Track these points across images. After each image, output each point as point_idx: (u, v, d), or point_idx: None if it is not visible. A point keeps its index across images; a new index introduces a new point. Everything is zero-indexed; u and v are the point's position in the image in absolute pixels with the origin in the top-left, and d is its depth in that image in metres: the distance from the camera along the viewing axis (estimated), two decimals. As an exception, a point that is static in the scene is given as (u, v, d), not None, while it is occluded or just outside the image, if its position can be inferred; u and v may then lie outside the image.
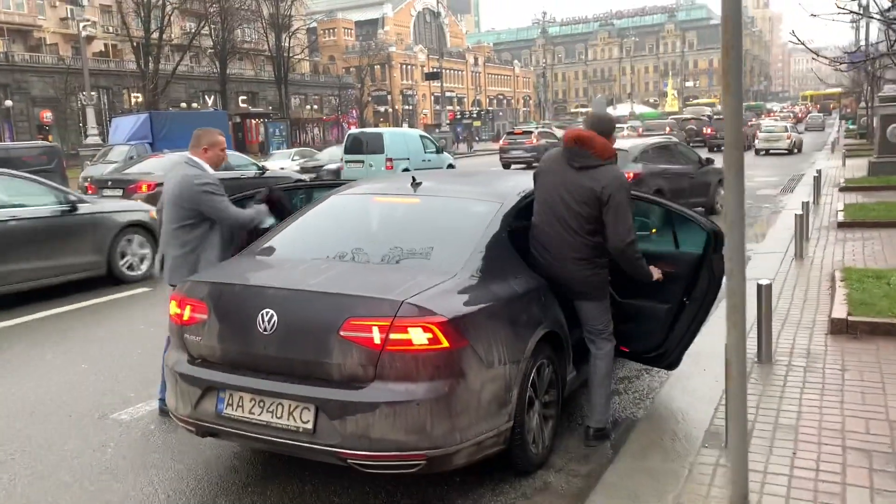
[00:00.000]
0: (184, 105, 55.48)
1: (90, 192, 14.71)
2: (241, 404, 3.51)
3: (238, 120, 51.81)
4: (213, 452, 4.28)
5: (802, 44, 8.38)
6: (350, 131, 23.89)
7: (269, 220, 4.85)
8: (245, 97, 64.75)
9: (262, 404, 3.46)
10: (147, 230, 9.67)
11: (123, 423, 4.78)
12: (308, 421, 3.34)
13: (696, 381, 4.77)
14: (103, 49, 56.68)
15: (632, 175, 12.00)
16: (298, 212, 4.74)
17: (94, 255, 8.96)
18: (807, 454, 3.64)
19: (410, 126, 76.25)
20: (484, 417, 3.44)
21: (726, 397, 2.41)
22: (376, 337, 3.26)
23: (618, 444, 4.16)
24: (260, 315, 3.47)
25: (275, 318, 3.44)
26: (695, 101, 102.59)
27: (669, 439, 3.93)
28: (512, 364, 3.60)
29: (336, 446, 3.28)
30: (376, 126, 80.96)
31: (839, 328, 5.58)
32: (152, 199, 14.30)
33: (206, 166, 4.69)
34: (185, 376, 3.70)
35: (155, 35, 43.64)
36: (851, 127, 43.63)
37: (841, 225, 10.71)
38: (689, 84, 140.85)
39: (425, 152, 22.04)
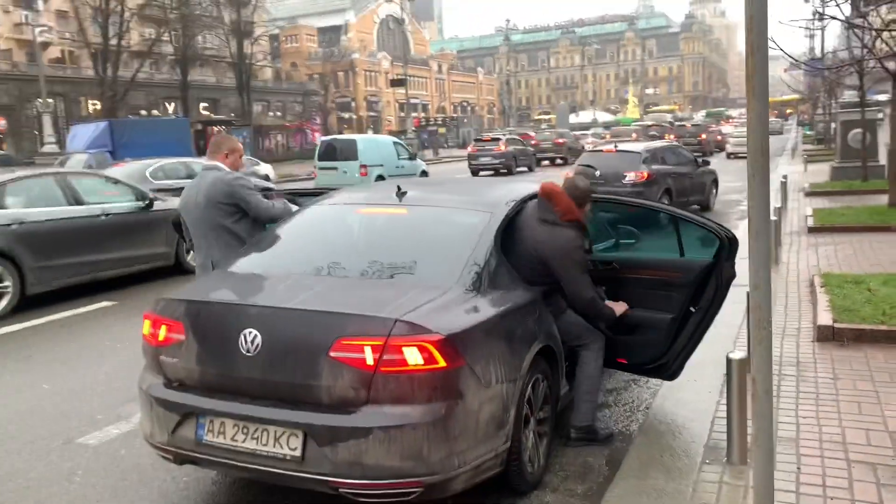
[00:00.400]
0: (144, 112, 54.48)
1: None
2: (223, 431, 3.26)
3: (200, 127, 50.94)
4: (189, 478, 4.03)
5: (782, 50, 8.39)
6: (322, 138, 24.01)
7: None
8: (207, 104, 63.89)
9: (245, 431, 3.22)
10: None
11: (91, 448, 4.49)
12: (296, 448, 3.11)
13: (688, 393, 4.66)
14: (60, 55, 55.43)
15: (645, 175, 13.14)
16: (278, 224, 4.51)
17: (165, 247, 9.91)
18: (812, 469, 3.54)
19: (376, 133, 76.04)
20: (482, 440, 3.26)
21: (753, 416, 2.28)
22: (369, 358, 3.05)
23: (614, 460, 4.03)
24: (242, 335, 3.24)
25: (258, 338, 3.22)
26: (656, 108, 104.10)
27: (669, 456, 3.80)
28: (509, 382, 3.43)
29: (327, 475, 3.06)
30: (341, 133, 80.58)
31: (825, 335, 5.53)
32: None
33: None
34: (161, 401, 3.44)
35: (113, 41, 42.72)
36: (808, 133, 44.47)
37: (811, 230, 10.78)
38: (650, 91, 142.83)
39: (398, 159, 22.15)
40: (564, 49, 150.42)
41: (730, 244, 4.15)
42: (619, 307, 4.24)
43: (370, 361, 3.05)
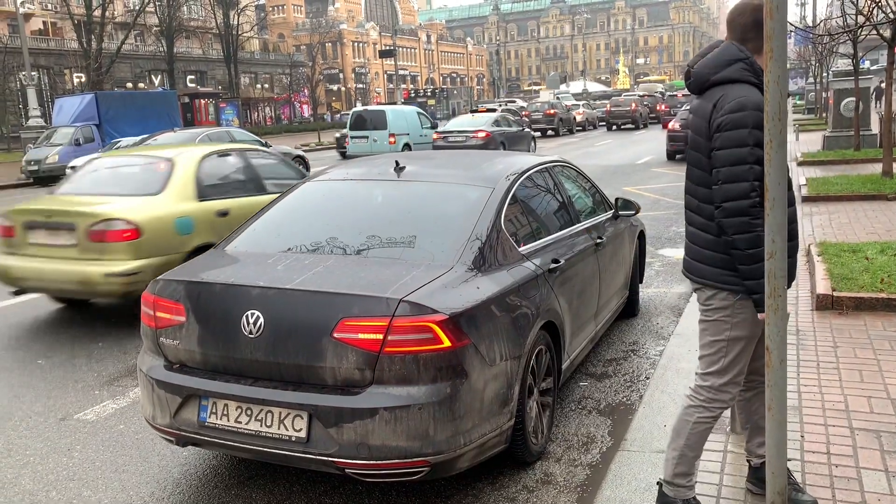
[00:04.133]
0: (130, 85, 53.85)
1: None
2: (226, 413, 3.23)
3: (187, 100, 50.43)
4: (190, 453, 4.00)
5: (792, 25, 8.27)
6: (355, 109, 25.42)
7: None
8: (193, 76, 63.16)
9: (249, 412, 3.19)
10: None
11: (89, 424, 4.46)
12: (301, 429, 3.09)
13: (688, 363, 4.64)
14: (42, 27, 54.50)
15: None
16: (272, 201, 4.39)
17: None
18: (815, 436, 3.55)
19: (364, 105, 75.41)
20: (487, 418, 3.25)
21: (767, 386, 2.24)
22: (373, 338, 3.02)
23: (617, 430, 4.03)
24: (244, 317, 3.21)
25: (261, 319, 3.18)
26: (646, 79, 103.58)
27: (671, 425, 3.78)
28: (513, 360, 3.42)
29: (333, 455, 3.04)
30: (329, 105, 79.93)
31: (824, 304, 5.53)
32: None
33: None
34: (162, 383, 3.40)
35: (97, 12, 42.03)
36: (799, 102, 44.43)
37: (806, 199, 10.78)
38: (640, 61, 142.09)
39: (422, 128, 23.51)
40: (554, 18, 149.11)
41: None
42: None
43: (375, 342, 3.02)
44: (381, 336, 3.01)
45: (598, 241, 4.91)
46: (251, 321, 3.19)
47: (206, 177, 6.88)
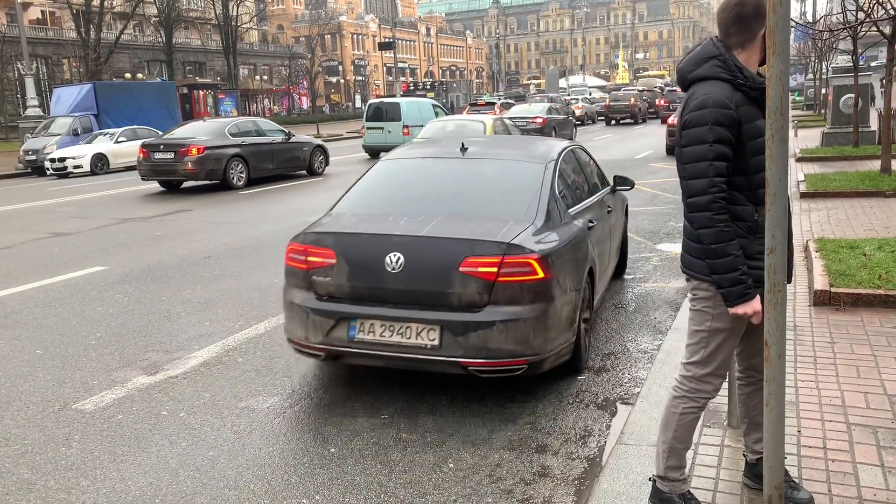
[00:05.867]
0: (128, 76, 53.67)
1: (143, 156, 16.47)
2: (372, 330, 4.18)
3: (185, 91, 50.27)
4: (187, 443, 4.01)
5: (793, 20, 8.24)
6: (371, 101, 26.34)
7: None
8: (192, 68, 62.97)
9: (392, 328, 4.15)
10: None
11: (87, 414, 4.46)
12: (434, 339, 4.08)
13: (686, 357, 4.66)
14: (41, 16, 54.28)
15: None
16: (359, 177, 5.34)
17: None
18: (812, 431, 3.56)
19: (363, 98, 75.29)
20: (562, 332, 4.29)
21: (765, 381, 2.25)
22: (490, 271, 4.03)
23: (615, 424, 4.05)
24: (388, 257, 4.15)
25: (402, 259, 4.13)
26: (646, 74, 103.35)
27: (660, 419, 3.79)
28: (576, 291, 4.48)
29: (459, 357, 4.04)
30: (328, 97, 79.71)
31: (822, 300, 5.54)
32: (201, 162, 15.64)
33: None
34: (316, 310, 4.31)
35: (96, 2, 41.88)
36: (798, 98, 44.36)
37: (804, 195, 10.79)
38: (640, 56, 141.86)
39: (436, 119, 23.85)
40: (554, 12, 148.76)
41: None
42: None
43: (491, 274, 4.03)
44: (495, 269, 4.03)
45: (609, 209, 6.04)
46: (394, 260, 4.14)
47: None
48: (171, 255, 9.14)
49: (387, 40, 56.03)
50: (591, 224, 5.08)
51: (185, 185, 17.20)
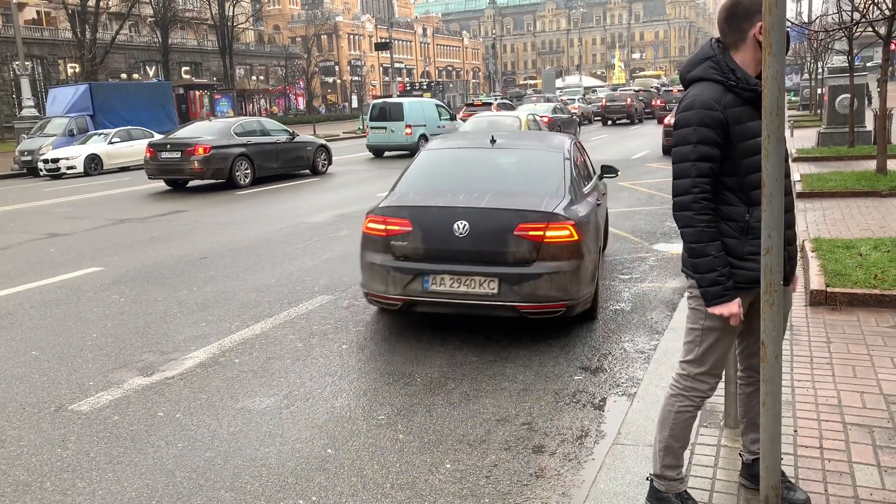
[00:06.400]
0: (124, 76, 53.57)
1: (150, 155, 16.64)
2: (442, 282, 5.25)
3: (181, 91, 50.19)
4: (184, 444, 4.01)
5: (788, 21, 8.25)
6: (374, 101, 26.71)
7: None
8: (188, 68, 62.88)
9: (459, 280, 5.22)
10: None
11: (83, 415, 4.45)
12: (494, 288, 5.16)
13: (682, 357, 4.66)
14: (36, 16, 54.14)
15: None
16: (406, 164, 6.44)
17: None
18: (808, 431, 3.56)
19: (359, 98, 75.23)
20: (588, 284, 5.42)
21: (762, 381, 2.25)
22: (538, 234, 5.14)
23: (611, 425, 4.04)
24: (455, 224, 5.22)
25: (467, 225, 5.21)
26: (642, 74, 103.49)
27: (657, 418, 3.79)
28: (595, 253, 5.66)
29: (514, 302, 5.15)
30: (324, 97, 79.62)
31: (818, 299, 5.55)
32: (207, 161, 15.82)
33: None
34: (396, 268, 5.35)
35: (92, 2, 41.80)
36: (794, 99, 44.42)
37: (800, 195, 10.79)
38: (636, 56, 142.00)
39: (440, 119, 24.95)
40: (550, 13, 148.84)
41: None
42: None
43: (539, 237, 5.15)
44: (542, 233, 5.15)
45: (603, 192, 7.38)
46: (461, 227, 5.21)
47: None
48: (168, 255, 9.13)
49: (383, 40, 55.93)
50: (598, 202, 6.44)
51: (188, 184, 17.27)
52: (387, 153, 24.34)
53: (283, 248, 9.30)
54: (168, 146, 16.44)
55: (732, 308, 2.64)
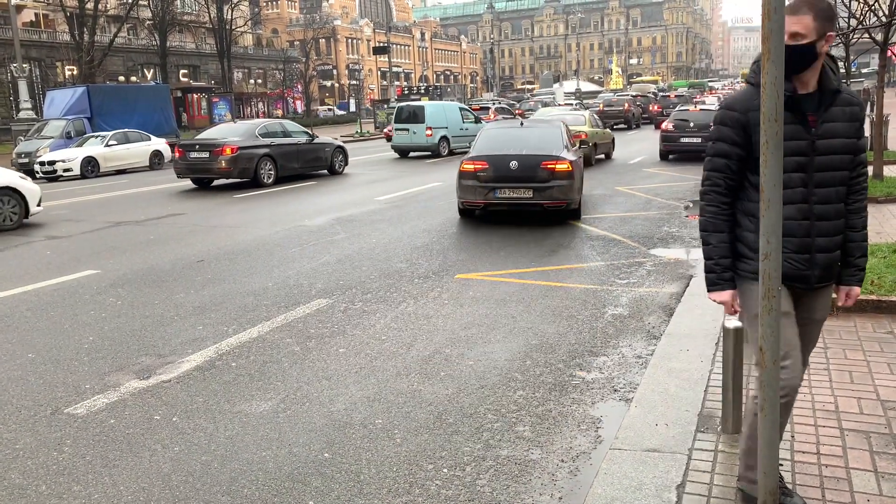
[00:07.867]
0: (122, 79, 53.54)
1: (178, 155, 17.58)
2: (504, 192, 10.42)
3: (179, 94, 50.18)
4: (180, 448, 4.00)
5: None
6: (399, 104, 27.62)
7: None
8: (186, 71, 62.88)
9: (513, 191, 10.39)
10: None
11: (79, 418, 4.43)
12: (530, 195, 10.35)
13: (679, 363, 4.67)
14: (34, 19, 54.12)
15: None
16: (478, 134, 11.75)
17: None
18: (806, 437, 3.57)
19: (357, 101, 75.26)
20: (579, 192, 10.87)
21: (758, 387, 2.26)
22: (553, 166, 10.27)
23: (610, 429, 4.04)
24: (510, 163, 10.35)
25: (516, 163, 10.32)
26: (639, 79, 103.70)
27: (663, 425, 3.80)
28: (580, 178, 11.08)
29: (540, 200, 10.35)
30: (322, 102, 79.64)
31: (815, 305, 5.54)
32: (234, 161, 16.46)
33: None
34: (481, 186, 10.53)
35: (90, 5, 41.80)
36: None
37: (797, 201, 10.82)
38: (633, 61, 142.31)
39: (463, 122, 26.10)
40: (548, 17, 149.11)
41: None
42: None
43: (553, 167, 10.27)
44: (554, 165, 10.27)
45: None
46: (513, 165, 10.34)
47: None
48: (165, 258, 9.12)
49: (381, 45, 56.02)
50: (579, 156, 11.51)
51: (187, 186, 17.56)
52: (411, 154, 25.46)
53: (280, 252, 9.29)
54: (197, 146, 17.21)
55: (724, 297, 2.80)
